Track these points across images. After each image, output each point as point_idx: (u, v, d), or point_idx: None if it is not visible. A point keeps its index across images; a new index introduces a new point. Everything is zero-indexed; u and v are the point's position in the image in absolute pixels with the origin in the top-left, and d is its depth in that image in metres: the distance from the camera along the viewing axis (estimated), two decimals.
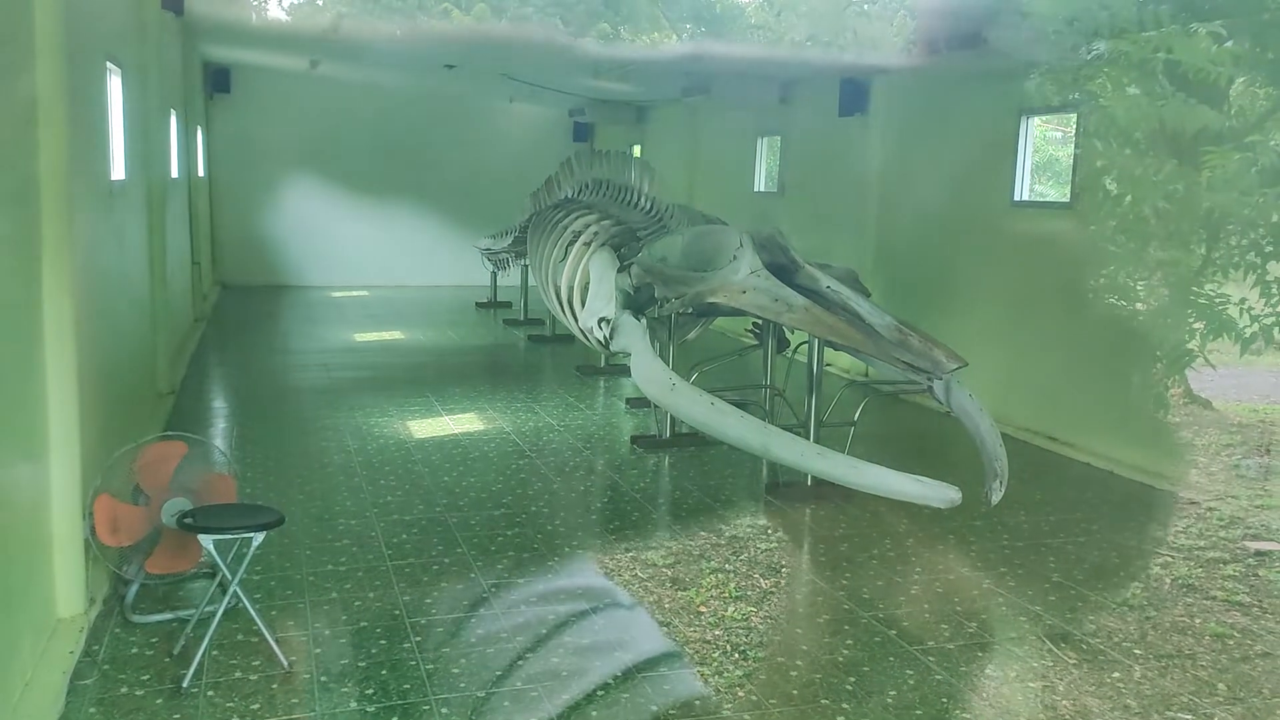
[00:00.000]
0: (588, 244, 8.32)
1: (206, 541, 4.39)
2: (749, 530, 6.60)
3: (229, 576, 4.46)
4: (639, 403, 9.82)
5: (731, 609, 5.26)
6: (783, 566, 5.95)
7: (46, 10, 4.49)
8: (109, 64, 7.12)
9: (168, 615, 4.89)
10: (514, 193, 14.03)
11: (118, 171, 7.41)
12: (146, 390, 8.81)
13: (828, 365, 10.14)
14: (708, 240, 7.09)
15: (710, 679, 4.51)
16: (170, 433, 6.45)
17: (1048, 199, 9.81)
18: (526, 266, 13.78)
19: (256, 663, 4.46)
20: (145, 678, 4.33)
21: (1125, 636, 5.10)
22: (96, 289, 6.16)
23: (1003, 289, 9.70)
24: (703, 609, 5.25)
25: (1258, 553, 6.38)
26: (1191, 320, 7.76)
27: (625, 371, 9.78)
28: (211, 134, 17.79)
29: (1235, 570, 6.08)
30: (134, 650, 4.57)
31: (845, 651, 4.83)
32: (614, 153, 10.13)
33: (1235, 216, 7.37)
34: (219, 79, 17.55)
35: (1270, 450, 7.11)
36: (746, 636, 4.94)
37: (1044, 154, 10.28)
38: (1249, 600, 5.62)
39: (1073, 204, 8.83)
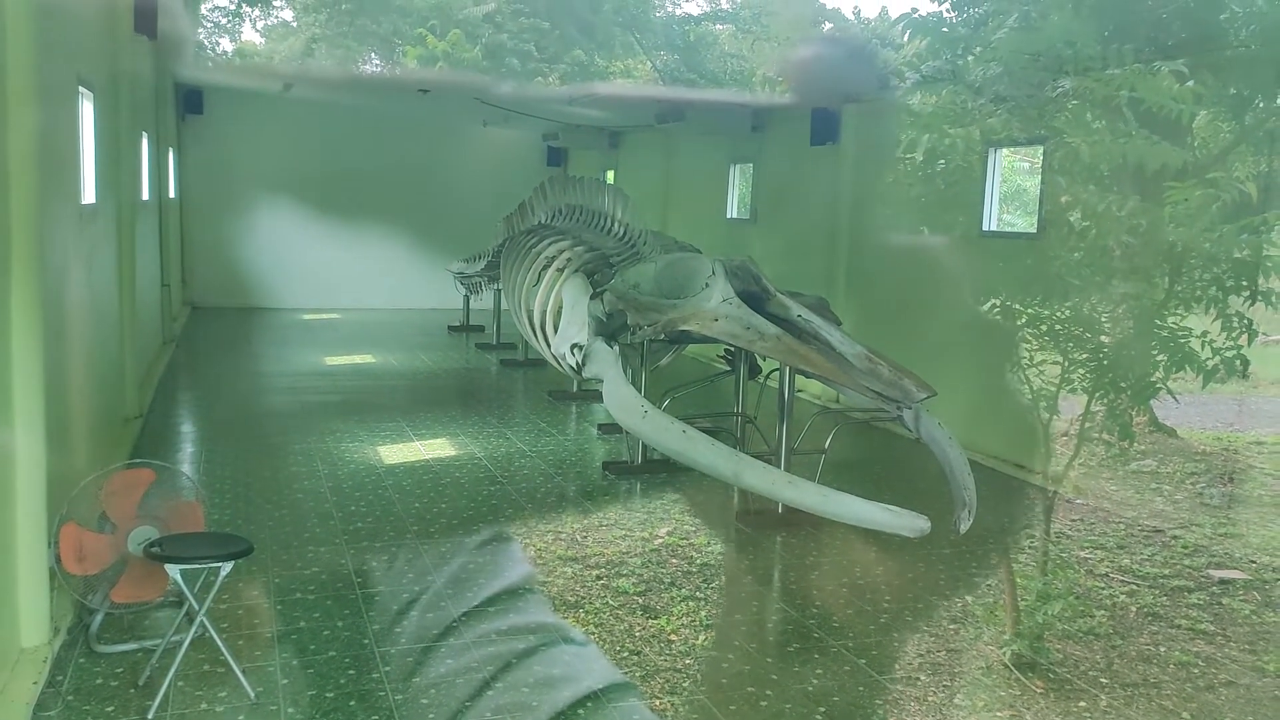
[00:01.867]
0: (561, 270, 8.35)
1: (174, 571, 4.35)
2: (720, 558, 6.61)
3: (196, 606, 4.42)
4: (611, 429, 9.83)
5: (702, 637, 5.27)
6: (753, 594, 5.96)
7: (17, 33, 4.48)
8: (81, 87, 7.08)
9: (133, 645, 4.83)
10: (487, 217, 14.04)
11: (88, 195, 7.36)
12: (114, 414, 8.72)
13: (799, 392, 10.20)
14: (680, 268, 7.13)
15: (680, 708, 4.51)
16: (137, 460, 6.39)
17: (1016, 229, 9.94)
18: (499, 291, 13.79)
19: (223, 694, 4.42)
20: (110, 709, 4.28)
21: (1092, 665, 5.15)
22: (65, 313, 6.11)
23: (972, 318, 9.81)
24: (674, 637, 5.25)
25: (1221, 580, 6.47)
26: (1155, 352, 7.88)
27: (597, 397, 9.80)
28: (183, 155, 17.70)
29: (1200, 598, 6.16)
30: (99, 681, 4.51)
31: (815, 681, 4.85)
32: (588, 178, 10.18)
33: (1197, 251, 7.51)
34: (192, 100, 17.48)
35: (1233, 478, 7.22)
36: (716, 666, 4.94)
37: (1012, 184, 10.43)
38: (1213, 629, 5.69)
39: (1039, 235, 8.96)
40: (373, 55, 10.95)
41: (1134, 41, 7.44)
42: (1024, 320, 8.21)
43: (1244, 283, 7.19)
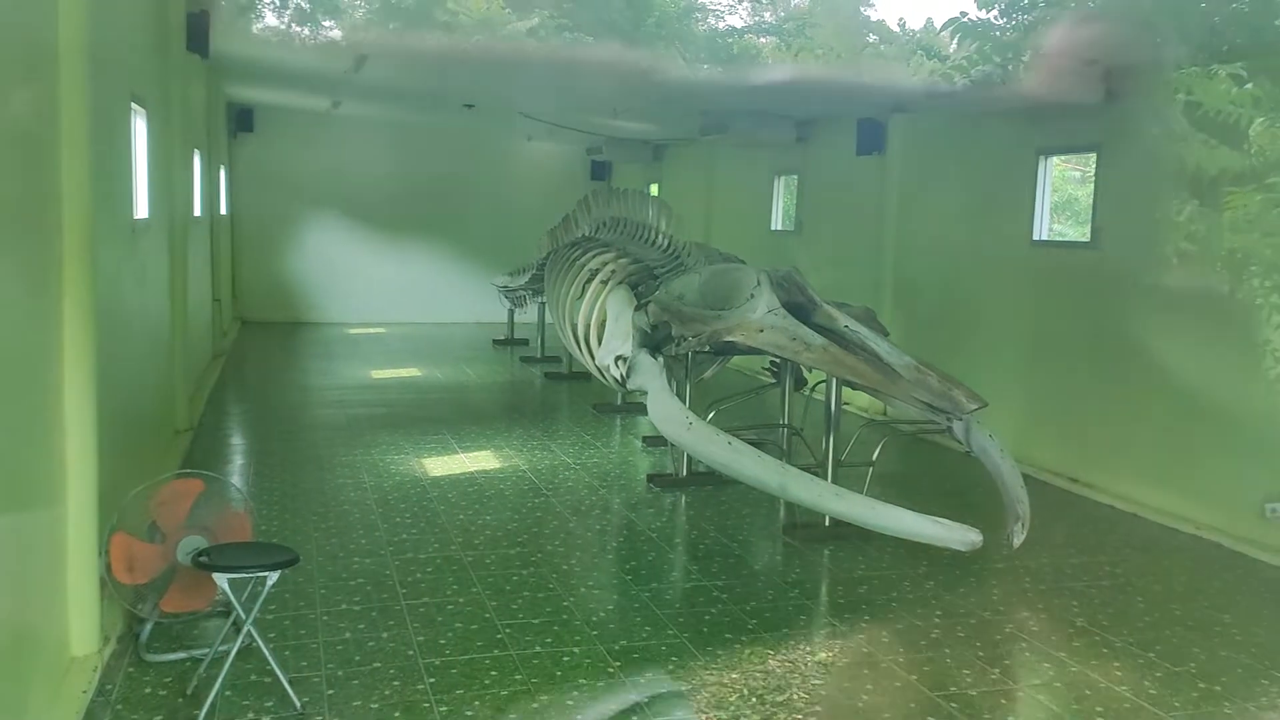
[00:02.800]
0: (605, 282, 8.34)
1: (221, 580, 4.37)
2: (767, 571, 6.53)
3: (243, 616, 4.44)
4: (655, 441, 9.78)
5: (748, 651, 5.19)
6: (800, 609, 5.88)
7: (70, 50, 4.55)
8: (134, 104, 7.21)
9: (182, 654, 4.86)
10: (531, 230, 14.09)
11: (141, 210, 7.48)
12: (165, 427, 8.84)
13: (846, 404, 10.10)
14: (725, 278, 7.09)
15: None
16: (187, 470, 6.46)
17: (1067, 238, 9.78)
18: (543, 304, 13.82)
19: (269, 704, 4.43)
20: (158, 718, 4.30)
21: (1152, 683, 5.00)
22: (118, 327, 6.20)
23: (1023, 328, 9.66)
24: (719, 652, 5.18)
25: None
26: None
27: (642, 410, 9.76)
28: (234, 173, 18.00)
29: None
30: (147, 690, 4.54)
31: (865, 697, 4.75)
32: (631, 191, 10.17)
33: (1258, 257, 7.31)
34: (243, 119, 17.80)
35: None
36: (763, 680, 4.87)
37: (1063, 193, 10.27)
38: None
39: (1093, 243, 8.80)
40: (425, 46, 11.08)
41: (1189, 45, 7.30)
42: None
43: None
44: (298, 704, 4.39)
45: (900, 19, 9.24)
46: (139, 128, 7.54)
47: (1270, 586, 6.55)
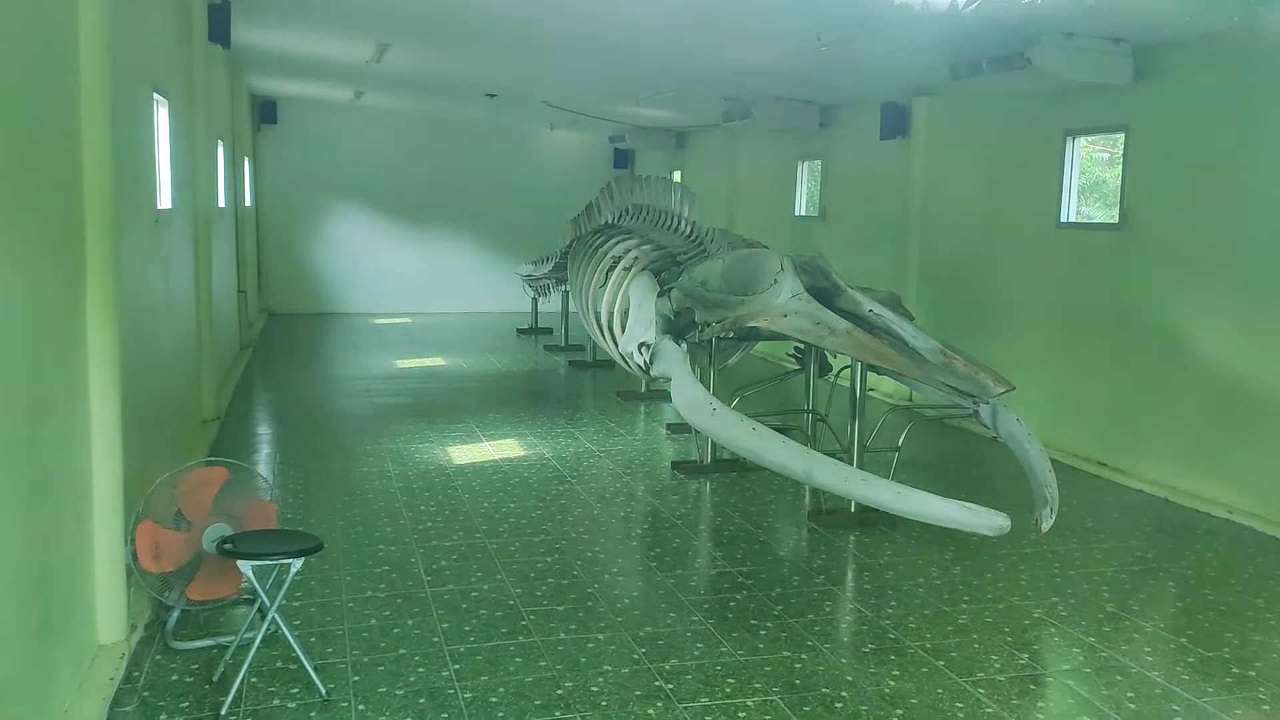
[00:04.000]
0: (628, 269, 8.31)
1: (246, 567, 4.38)
2: (792, 557, 6.49)
3: (268, 603, 4.45)
4: (679, 428, 9.75)
5: (774, 638, 5.16)
6: (826, 594, 5.84)
7: (93, 40, 4.55)
8: (156, 94, 7.23)
9: (208, 642, 4.89)
10: (555, 219, 14.09)
11: (164, 200, 7.51)
12: (192, 416, 8.90)
13: (871, 390, 10.03)
14: (748, 264, 7.03)
15: (752, 710, 4.41)
16: (212, 458, 6.49)
17: (1095, 220, 9.65)
18: (567, 292, 13.80)
19: (295, 690, 4.44)
20: (185, 704, 4.32)
21: (1184, 668, 4.93)
22: (142, 316, 6.23)
23: (1050, 312, 9.55)
24: (744, 638, 5.15)
25: None
26: None
27: (666, 397, 9.73)
28: (258, 164, 18.10)
29: None
30: (174, 677, 4.57)
31: (892, 683, 4.71)
32: (654, 178, 10.13)
33: None
34: (266, 111, 17.89)
35: None
36: (789, 667, 4.84)
37: (1090, 175, 10.13)
38: None
39: (1121, 225, 8.67)
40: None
41: (1216, 23, 7.15)
42: None
43: None
44: (323, 690, 4.40)
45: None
46: (161, 118, 7.56)
47: None
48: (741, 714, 4.36)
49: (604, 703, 4.42)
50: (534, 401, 11.59)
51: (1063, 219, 9.42)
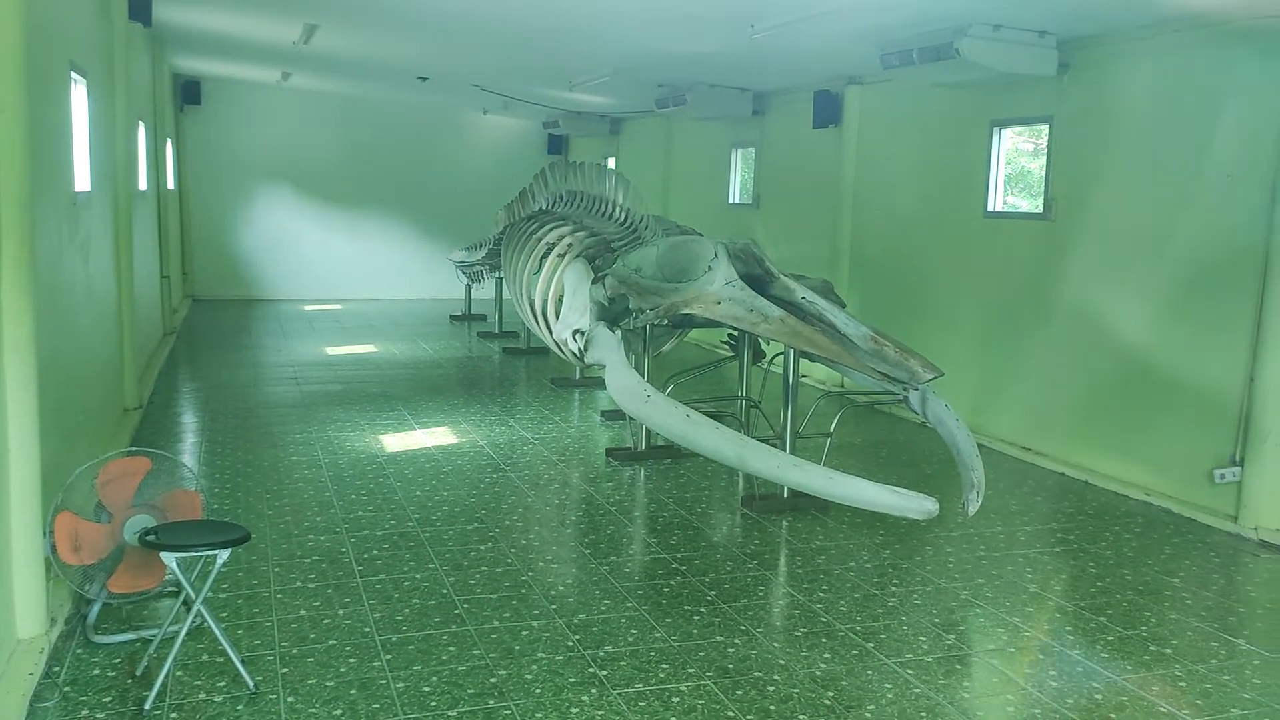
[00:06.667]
0: (562, 255, 8.27)
1: (170, 559, 4.27)
2: (725, 543, 6.54)
3: (193, 595, 4.35)
4: (614, 415, 9.76)
5: (707, 623, 5.20)
6: (759, 579, 5.89)
7: (6, 16, 4.39)
8: (73, 73, 7.00)
9: (131, 635, 4.77)
10: (488, 205, 14.01)
11: (83, 183, 7.28)
12: (113, 405, 8.67)
13: (804, 377, 10.14)
14: (682, 251, 7.05)
15: (686, 695, 4.44)
16: (135, 448, 6.33)
17: (1021, 210, 9.85)
18: (501, 279, 13.71)
19: (222, 684, 4.36)
20: (107, 700, 4.22)
21: (1104, 647, 5.08)
22: (59, 302, 6.04)
23: (978, 299, 9.73)
24: (678, 624, 5.18)
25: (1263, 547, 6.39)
26: None
27: (600, 384, 9.73)
28: (182, 146, 17.64)
29: (1216, 582, 6.08)
30: (95, 672, 4.45)
31: (823, 665, 4.78)
32: (588, 164, 10.10)
33: (1204, 228, 7.41)
34: (190, 91, 17.43)
35: (1242, 461, 7.12)
36: (722, 651, 4.88)
37: (1015, 166, 10.33)
38: (1221, 608, 5.61)
39: (1046, 215, 8.86)
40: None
41: (1139, 17, 7.32)
42: None
43: None
44: (251, 683, 4.32)
45: None
46: (79, 97, 7.32)
47: (1219, 550, 6.68)
48: (675, 699, 4.39)
49: (538, 690, 4.42)
50: (467, 389, 11.50)
51: (990, 208, 9.60)
